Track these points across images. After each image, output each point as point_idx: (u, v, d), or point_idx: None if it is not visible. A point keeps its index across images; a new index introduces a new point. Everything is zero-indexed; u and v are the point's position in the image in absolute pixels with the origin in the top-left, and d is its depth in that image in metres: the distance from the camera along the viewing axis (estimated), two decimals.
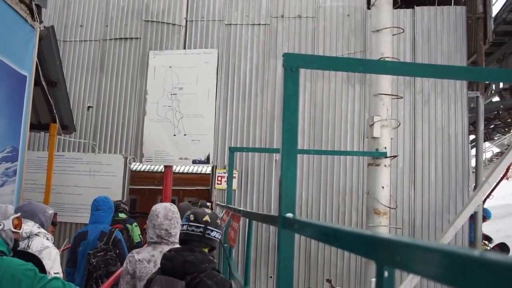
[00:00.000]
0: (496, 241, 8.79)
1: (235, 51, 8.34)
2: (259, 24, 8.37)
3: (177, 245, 2.63)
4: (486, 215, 8.47)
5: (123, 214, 5.90)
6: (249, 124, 8.13)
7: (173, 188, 8.04)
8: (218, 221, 2.46)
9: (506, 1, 9.60)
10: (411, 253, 0.70)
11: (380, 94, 5.22)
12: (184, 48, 8.36)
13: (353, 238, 0.98)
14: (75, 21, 8.69)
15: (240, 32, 8.39)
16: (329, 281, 6.52)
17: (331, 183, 7.86)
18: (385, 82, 5.27)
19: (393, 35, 5.44)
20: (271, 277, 7.69)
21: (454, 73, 2.54)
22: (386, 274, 0.86)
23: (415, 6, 8.19)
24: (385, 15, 5.23)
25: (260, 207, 7.88)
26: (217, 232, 2.41)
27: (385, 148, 5.18)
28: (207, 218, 2.39)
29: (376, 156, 5.19)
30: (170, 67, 7.76)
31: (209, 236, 2.37)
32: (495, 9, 9.37)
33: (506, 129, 13.10)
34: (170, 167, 7.96)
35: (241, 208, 4.19)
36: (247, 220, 3.86)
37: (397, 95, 5.74)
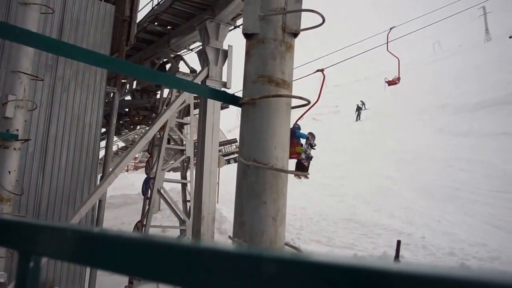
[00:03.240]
0: None
1: None
2: None
3: None
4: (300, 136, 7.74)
5: None
6: None
7: None
8: None
9: (149, 12, 10.71)
10: (61, 237, 0.65)
11: (19, 72, 5.03)
12: None
13: None
14: None
15: None
16: None
17: None
18: (26, 60, 5.12)
19: (42, 13, 5.31)
20: None
21: (102, 61, 2.72)
22: (32, 264, 0.70)
23: None
24: None
25: None
26: None
27: (17, 130, 5.07)
28: None
29: (6, 138, 5.01)
30: None
31: None
32: (140, 16, 10.29)
33: (133, 127, 14.51)
34: None
35: None
36: None
37: (37, 77, 5.62)
